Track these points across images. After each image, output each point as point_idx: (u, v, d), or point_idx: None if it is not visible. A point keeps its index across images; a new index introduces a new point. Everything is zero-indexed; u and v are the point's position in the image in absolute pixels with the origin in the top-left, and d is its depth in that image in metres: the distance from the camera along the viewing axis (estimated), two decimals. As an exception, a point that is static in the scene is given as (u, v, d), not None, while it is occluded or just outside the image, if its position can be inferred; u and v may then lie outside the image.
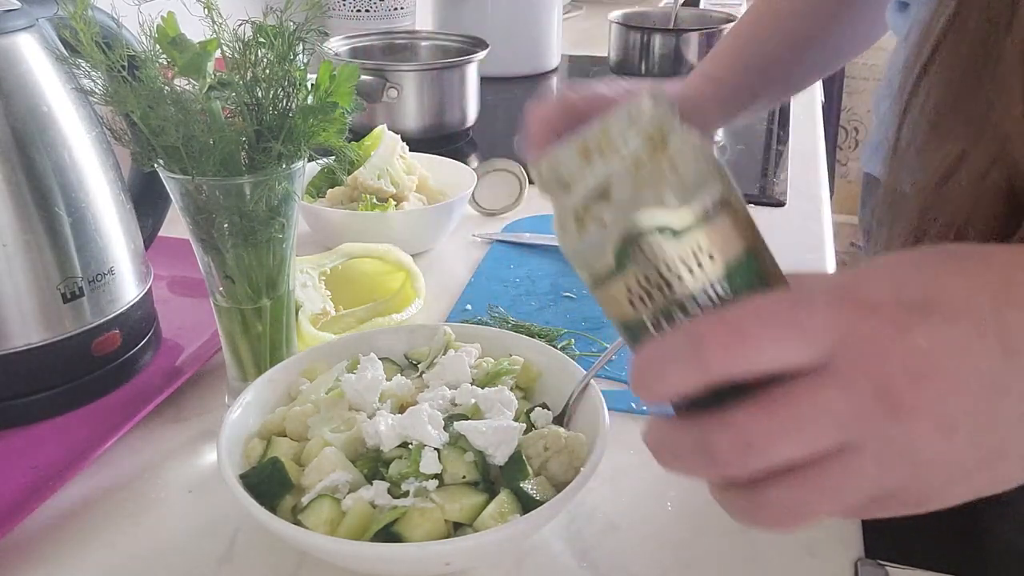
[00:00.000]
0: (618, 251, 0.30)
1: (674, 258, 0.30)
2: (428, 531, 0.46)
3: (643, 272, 0.30)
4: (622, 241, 0.30)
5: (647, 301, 0.30)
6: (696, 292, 0.30)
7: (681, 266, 0.30)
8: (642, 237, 0.30)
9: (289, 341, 0.62)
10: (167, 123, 0.51)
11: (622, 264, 0.30)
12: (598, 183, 0.30)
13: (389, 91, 1.17)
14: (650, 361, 0.30)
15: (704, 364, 0.28)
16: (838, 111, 2.96)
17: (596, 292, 0.32)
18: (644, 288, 0.30)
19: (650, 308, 0.30)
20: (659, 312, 0.30)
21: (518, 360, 0.58)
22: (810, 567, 0.51)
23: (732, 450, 0.29)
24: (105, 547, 0.52)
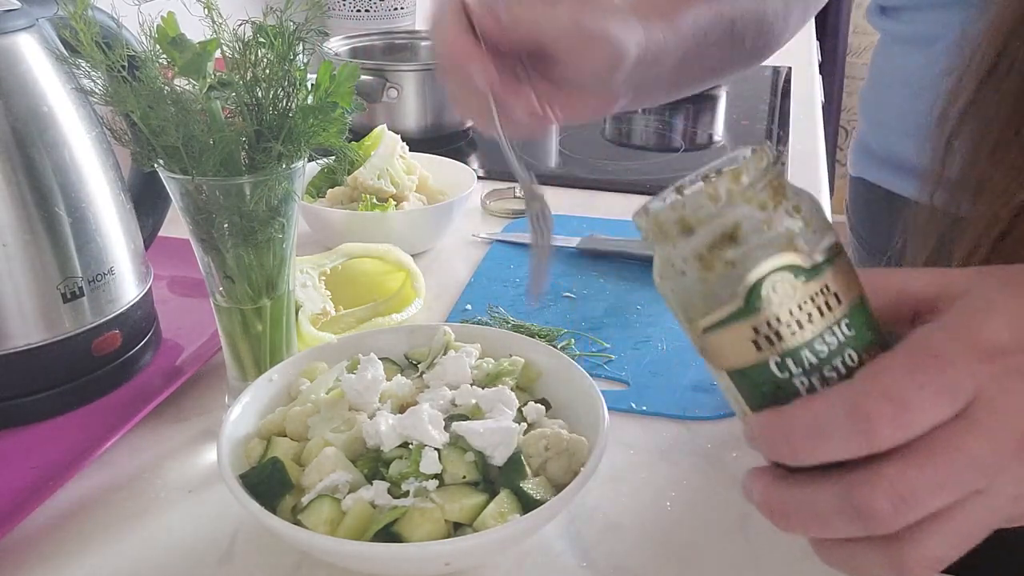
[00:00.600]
0: (750, 291, 0.30)
1: (805, 297, 0.31)
2: (428, 531, 0.46)
3: (775, 312, 0.30)
4: (756, 281, 0.30)
5: (775, 342, 0.31)
6: (824, 332, 0.31)
7: (811, 305, 0.31)
8: (776, 276, 0.30)
9: (289, 341, 0.62)
10: (167, 123, 0.51)
11: (752, 305, 0.31)
12: (727, 226, 0.31)
13: (389, 91, 1.17)
14: (805, 425, 0.30)
15: (872, 440, 0.29)
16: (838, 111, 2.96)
17: (711, 337, 0.32)
18: (773, 329, 0.31)
19: (777, 349, 0.31)
20: (787, 353, 0.31)
21: (518, 360, 0.58)
22: (810, 567, 0.51)
23: (888, 505, 0.29)
24: (105, 547, 0.52)
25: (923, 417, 0.29)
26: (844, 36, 2.89)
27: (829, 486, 0.30)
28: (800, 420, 0.30)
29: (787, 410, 0.30)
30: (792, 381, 0.31)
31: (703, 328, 0.32)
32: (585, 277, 0.85)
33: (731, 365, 0.32)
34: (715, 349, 0.32)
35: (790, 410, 0.30)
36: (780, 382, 0.31)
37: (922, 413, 0.29)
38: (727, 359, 0.32)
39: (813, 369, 0.31)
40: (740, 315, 0.31)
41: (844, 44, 2.90)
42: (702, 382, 0.67)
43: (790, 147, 1.21)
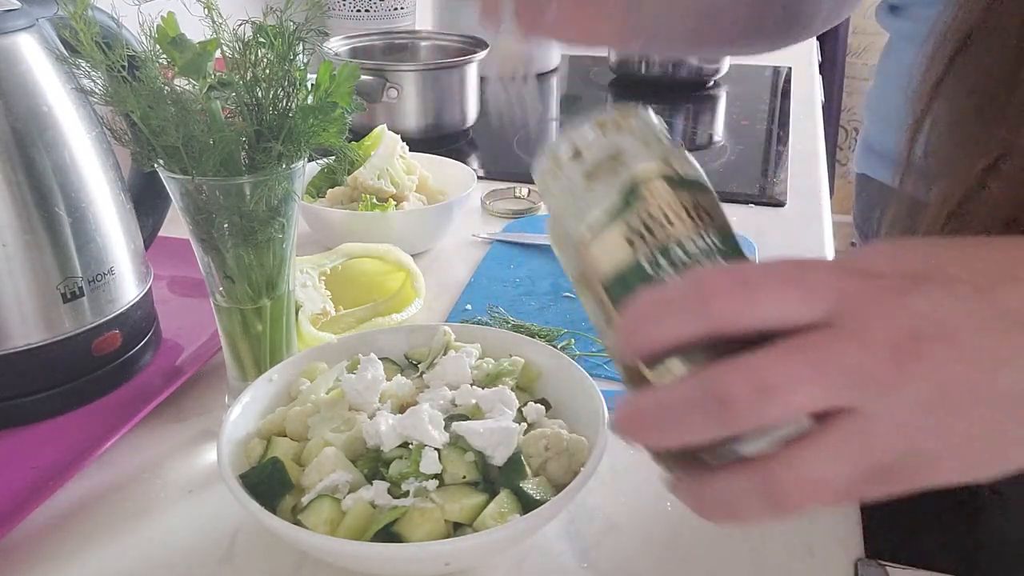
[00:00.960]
0: (627, 191, 0.33)
1: (676, 202, 0.33)
2: (428, 531, 0.46)
3: (647, 208, 0.33)
4: (632, 182, 0.33)
5: (646, 236, 0.33)
6: (693, 234, 0.33)
7: (682, 210, 0.33)
8: (652, 179, 0.34)
9: (289, 341, 0.62)
10: (167, 123, 0.51)
11: (628, 203, 0.33)
12: (611, 148, 0.35)
13: (389, 91, 1.17)
14: (650, 305, 0.30)
15: (708, 312, 0.28)
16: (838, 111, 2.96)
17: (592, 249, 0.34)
18: (645, 224, 0.33)
19: (649, 243, 0.32)
20: (659, 248, 0.32)
21: (518, 360, 0.58)
22: (810, 567, 0.51)
23: (749, 394, 0.27)
24: (105, 547, 0.52)
25: (765, 302, 0.28)
26: (844, 36, 2.89)
27: (691, 378, 0.29)
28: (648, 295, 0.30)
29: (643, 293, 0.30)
30: (663, 280, 0.32)
31: (585, 241, 0.34)
32: (585, 277, 0.84)
33: (607, 272, 0.33)
34: (593, 260, 0.34)
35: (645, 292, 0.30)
36: (652, 281, 0.32)
37: (764, 297, 0.28)
38: (603, 268, 0.33)
39: (682, 266, 0.32)
40: (617, 212, 0.33)
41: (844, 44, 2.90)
42: (702, 382, 0.67)
43: (790, 147, 1.21)
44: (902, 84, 0.47)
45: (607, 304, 0.34)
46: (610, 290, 0.33)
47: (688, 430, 0.29)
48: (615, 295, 0.33)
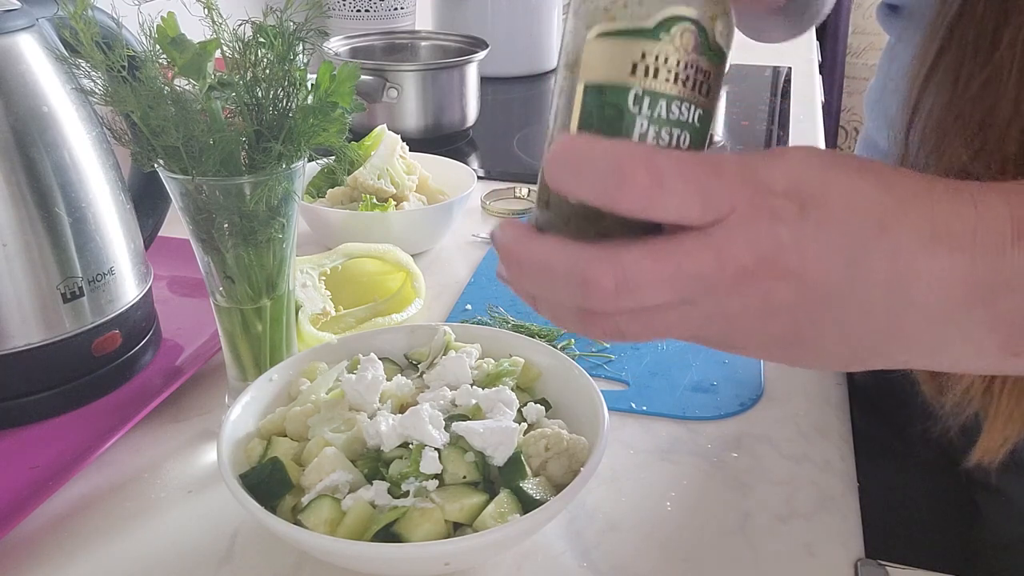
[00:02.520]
0: (664, 20, 0.32)
1: (694, 62, 0.32)
2: (428, 531, 0.46)
3: (669, 52, 0.32)
4: (673, 15, 0.32)
5: (649, 76, 0.32)
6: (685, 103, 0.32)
7: (693, 73, 0.32)
8: (689, 25, 0.32)
9: (289, 341, 0.62)
10: (167, 123, 0.51)
11: (657, 32, 0.32)
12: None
13: (389, 91, 1.17)
14: (577, 153, 0.31)
15: (615, 196, 0.30)
16: (838, 111, 2.96)
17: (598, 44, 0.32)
18: (657, 64, 0.32)
19: (646, 84, 0.32)
20: (651, 93, 0.32)
21: (518, 361, 0.58)
22: (810, 567, 0.51)
23: (611, 285, 0.30)
24: (105, 547, 0.52)
25: (670, 201, 0.30)
26: (844, 36, 2.89)
27: (568, 250, 0.31)
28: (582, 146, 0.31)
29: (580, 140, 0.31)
30: (634, 120, 0.32)
31: (598, 32, 0.32)
32: (585, 277, 0.84)
33: (596, 77, 0.33)
34: (594, 57, 0.33)
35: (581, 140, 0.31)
36: (624, 114, 0.32)
37: (671, 197, 0.30)
38: (597, 70, 0.33)
39: (655, 123, 0.32)
40: (641, 34, 0.32)
41: (844, 44, 2.90)
42: (702, 382, 0.67)
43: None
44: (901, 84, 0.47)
45: (574, 101, 0.33)
46: (587, 95, 0.33)
47: (551, 289, 0.33)
48: (587, 102, 0.33)
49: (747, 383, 0.67)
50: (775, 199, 0.30)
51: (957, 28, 0.43)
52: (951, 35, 0.43)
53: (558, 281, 0.32)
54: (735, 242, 0.30)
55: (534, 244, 0.32)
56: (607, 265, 0.30)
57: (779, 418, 0.64)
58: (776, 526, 0.54)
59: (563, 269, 0.31)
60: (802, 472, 0.59)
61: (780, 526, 0.54)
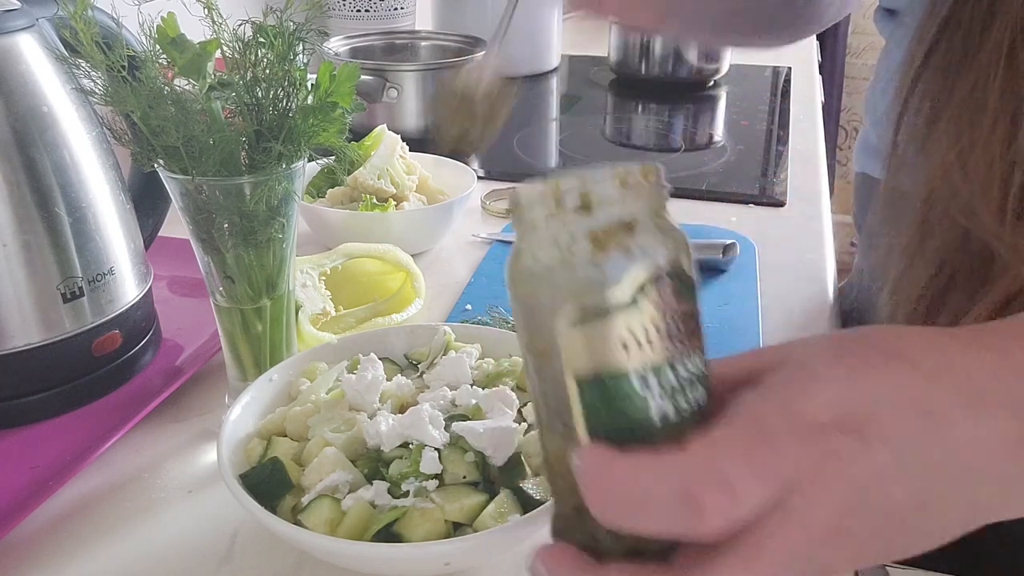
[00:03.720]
0: (641, 285, 0.29)
1: (681, 312, 0.29)
2: (428, 531, 0.46)
3: (656, 315, 0.29)
4: (648, 276, 0.29)
5: (643, 347, 0.29)
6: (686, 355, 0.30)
7: (680, 321, 0.30)
8: (666, 279, 0.29)
9: (289, 341, 0.62)
10: (167, 123, 0.51)
11: (638, 300, 0.29)
12: (627, 214, 0.29)
13: (389, 91, 1.17)
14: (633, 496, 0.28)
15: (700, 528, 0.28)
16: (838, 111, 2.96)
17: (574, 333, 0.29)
18: (648, 334, 0.29)
19: (646, 358, 0.29)
20: (651, 367, 0.29)
21: (518, 361, 0.58)
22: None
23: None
24: (105, 547, 0.52)
25: (750, 507, 0.28)
26: (844, 36, 2.89)
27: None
28: (629, 483, 0.28)
29: (619, 465, 0.28)
30: (648, 404, 0.29)
31: (571, 320, 0.29)
32: (585, 277, 0.84)
33: (587, 368, 0.29)
34: (574, 347, 0.29)
35: (622, 466, 0.28)
36: (635, 399, 0.29)
37: (752, 501, 0.28)
38: (585, 361, 0.29)
39: (669, 395, 0.29)
40: (621, 309, 0.28)
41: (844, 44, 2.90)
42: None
43: (790, 147, 1.21)
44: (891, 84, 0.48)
45: (570, 398, 0.30)
46: (584, 389, 0.29)
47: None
48: (587, 396, 0.29)
49: (747, 383, 0.67)
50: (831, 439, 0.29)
51: (946, 29, 0.43)
52: (940, 36, 0.44)
53: None
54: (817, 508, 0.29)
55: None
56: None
57: (779, 418, 0.64)
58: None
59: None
60: (802, 472, 0.58)
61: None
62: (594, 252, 0.29)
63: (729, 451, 0.28)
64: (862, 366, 0.31)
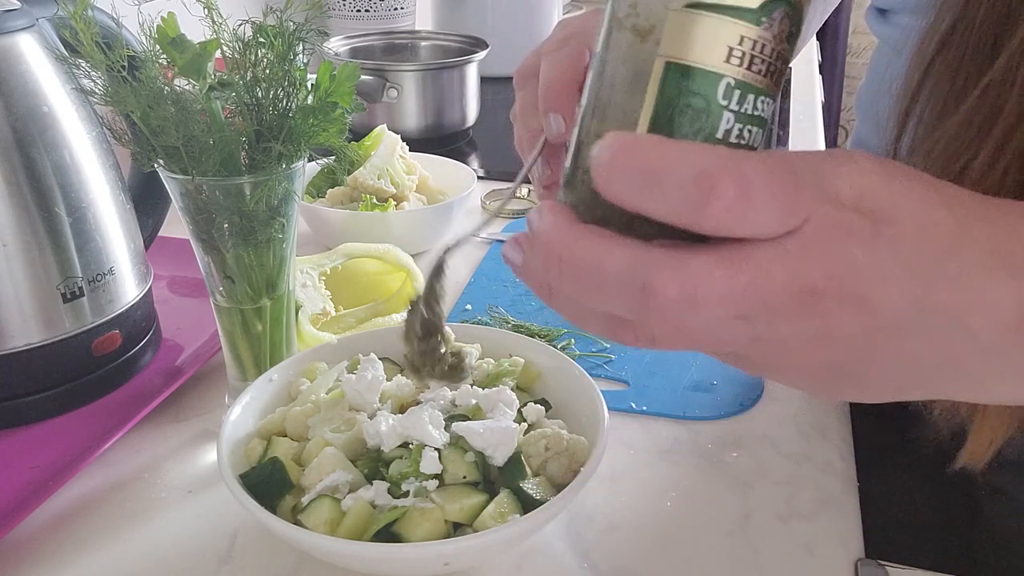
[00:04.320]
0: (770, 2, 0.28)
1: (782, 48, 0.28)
2: (428, 531, 0.46)
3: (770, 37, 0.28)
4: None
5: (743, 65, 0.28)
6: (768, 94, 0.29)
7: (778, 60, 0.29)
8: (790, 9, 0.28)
9: (289, 341, 0.62)
10: (167, 123, 0.51)
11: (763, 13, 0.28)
12: None
13: (389, 91, 1.17)
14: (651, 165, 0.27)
15: (699, 214, 0.27)
16: (838, 111, 2.96)
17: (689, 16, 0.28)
18: (756, 51, 0.28)
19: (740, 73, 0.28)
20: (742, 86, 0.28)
21: (518, 361, 0.58)
22: (810, 567, 0.51)
23: (676, 295, 0.27)
24: (105, 547, 0.52)
25: (756, 219, 0.27)
26: (844, 36, 2.89)
27: (626, 250, 0.28)
28: (649, 154, 0.27)
29: (643, 139, 0.28)
30: (720, 115, 0.28)
31: (693, 2, 0.28)
32: (585, 277, 0.85)
33: (685, 57, 0.28)
34: (682, 32, 0.28)
35: (646, 140, 0.28)
36: (712, 106, 0.28)
37: (757, 215, 0.27)
38: (686, 49, 0.28)
39: (740, 119, 0.29)
40: (742, 14, 0.28)
41: (844, 44, 2.90)
42: (702, 382, 0.67)
43: (790, 147, 1.21)
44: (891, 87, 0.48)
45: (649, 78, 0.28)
46: (670, 75, 0.28)
47: (600, 296, 0.29)
48: (669, 82, 0.28)
49: (747, 383, 0.67)
50: (847, 214, 0.28)
51: (954, 33, 0.43)
52: (948, 39, 0.43)
53: (609, 285, 0.29)
54: (809, 260, 0.28)
55: (585, 240, 0.29)
56: (673, 273, 0.27)
57: (779, 418, 0.64)
58: (776, 526, 0.54)
59: (619, 273, 0.28)
60: (802, 472, 0.59)
61: (780, 526, 0.54)
62: None
63: (756, 164, 0.27)
64: (903, 176, 0.30)
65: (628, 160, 0.27)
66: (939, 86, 0.44)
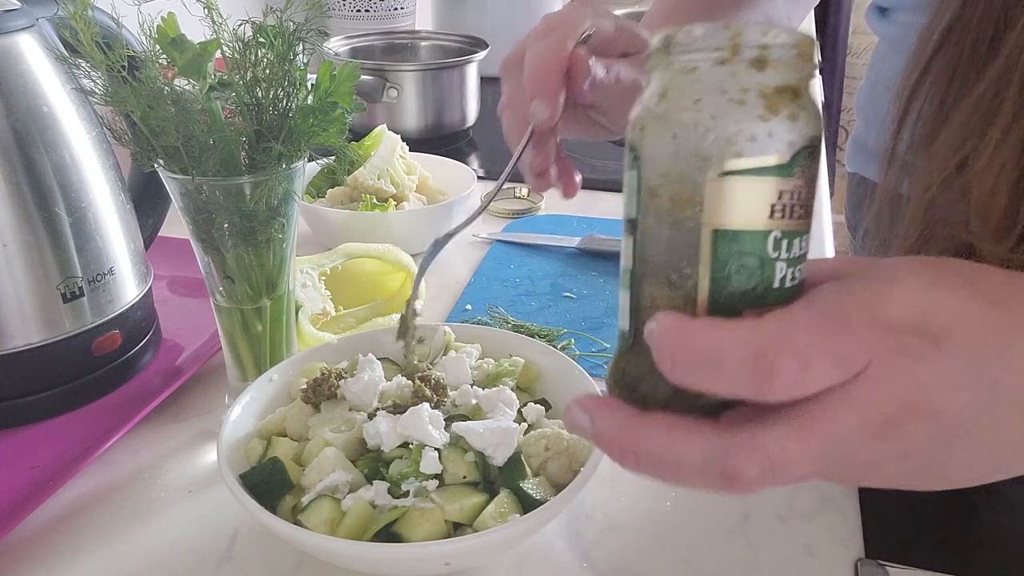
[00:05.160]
0: (798, 152, 0.29)
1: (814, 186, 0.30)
2: (428, 531, 0.46)
3: (803, 184, 0.29)
4: (807, 144, 0.29)
5: (785, 214, 0.29)
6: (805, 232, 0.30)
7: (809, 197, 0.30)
8: (814, 151, 0.29)
9: (289, 341, 0.62)
10: (167, 123, 0.51)
11: (793, 166, 0.29)
12: (798, 79, 0.29)
13: (389, 91, 1.17)
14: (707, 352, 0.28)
15: (767, 391, 0.28)
16: (838, 111, 2.96)
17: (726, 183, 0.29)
18: (793, 200, 0.29)
19: (782, 225, 0.29)
20: (786, 235, 0.29)
21: (518, 361, 0.58)
22: (810, 567, 0.51)
23: (756, 472, 0.29)
24: (105, 547, 0.52)
25: (820, 382, 0.29)
26: (844, 36, 2.89)
27: (699, 439, 0.30)
28: (704, 340, 0.29)
29: (696, 325, 0.29)
30: (774, 268, 0.30)
31: (726, 171, 0.29)
32: (585, 277, 0.85)
33: (731, 223, 0.29)
34: (724, 199, 0.29)
35: (699, 325, 0.29)
36: (765, 263, 0.29)
37: (820, 378, 0.29)
38: (731, 215, 0.29)
39: (790, 264, 0.30)
40: (777, 171, 0.29)
41: (844, 44, 2.90)
42: (702, 382, 0.67)
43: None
44: (890, 85, 0.47)
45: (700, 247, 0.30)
46: (720, 241, 0.29)
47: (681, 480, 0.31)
48: (720, 249, 0.29)
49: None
50: (906, 338, 0.30)
51: (953, 31, 0.43)
52: (946, 37, 0.43)
53: (691, 472, 0.30)
54: (878, 397, 0.29)
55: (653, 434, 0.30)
56: (750, 454, 0.29)
57: (779, 418, 0.64)
58: (776, 526, 0.54)
59: (697, 464, 0.30)
60: (802, 472, 0.59)
61: (780, 526, 0.54)
62: (763, 111, 0.29)
63: (807, 327, 0.29)
64: (946, 283, 0.31)
65: (687, 347, 0.29)
66: (938, 83, 0.44)
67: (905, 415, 0.30)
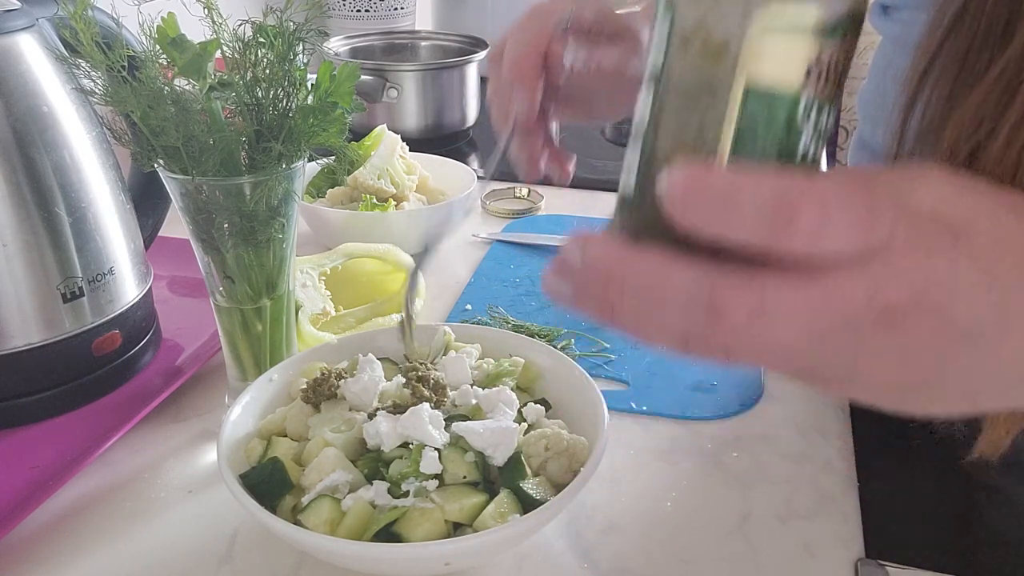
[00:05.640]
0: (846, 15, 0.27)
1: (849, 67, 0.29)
2: (428, 531, 0.46)
3: (840, 52, 0.28)
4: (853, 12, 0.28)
5: (820, 80, 0.28)
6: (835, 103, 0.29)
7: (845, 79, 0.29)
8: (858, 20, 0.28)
9: (289, 341, 0.62)
10: (167, 123, 0.51)
11: (835, 30, 0.27)
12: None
13: (389, 91, 1.17)
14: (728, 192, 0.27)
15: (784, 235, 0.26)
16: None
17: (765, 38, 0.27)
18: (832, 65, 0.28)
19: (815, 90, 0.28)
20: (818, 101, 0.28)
21: (518, 361, 0.58)
22: (810, 567, 0.51)
23: (743, 316, 0.27)
24: (105, 547, 0.52)
25: (838, 240, 0.27)
26: (844, 36, 2.89)
27: (691, 270, 0.28)
28: (723, 180, 0.27)
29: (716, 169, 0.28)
30: (800, 133, 0.28)
31: (769, 25, 0.27)
32: (585, 277, 0.85)
33: (766, 80, 0.28)
34: (760, 52, 0.28)
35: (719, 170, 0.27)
36: (793, 125, 0.28)
37: (839, 236, 0.27)
38: (768, 71, 0.28)
39: (815, 134, 0.29)
40: (821, 32, 0.27)
41: (844, 44, 2.90)
42: (702, 382, 0.67)
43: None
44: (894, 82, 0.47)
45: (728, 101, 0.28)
46: (750, 95, 0.28)
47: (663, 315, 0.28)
48: (751, 105, 0.28)
49: (747, 383, 0.67)
50: (928, 226, 0.28)
51: (962, 20, 0.43)
52: (955, 27, 0.43)
53: (675, 305, 0.28)
54: (890, 279, 0.27)
55: (645, 261, 0.28)
56: (743, 293, 0.27)
57: (779, 418, 0.64)
58: (776, 526, 0.54)
59: (685, 292, 0.27)
60: (802, 472, 0.59)
61: (780, 526, 0.54)
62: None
63: (834, 186, 0.27)
64: (975, 189, 0.30)
65: (704, 186, 0.27)
66: (948, 70, 0.43)
67: (913, 306, 0.28)
